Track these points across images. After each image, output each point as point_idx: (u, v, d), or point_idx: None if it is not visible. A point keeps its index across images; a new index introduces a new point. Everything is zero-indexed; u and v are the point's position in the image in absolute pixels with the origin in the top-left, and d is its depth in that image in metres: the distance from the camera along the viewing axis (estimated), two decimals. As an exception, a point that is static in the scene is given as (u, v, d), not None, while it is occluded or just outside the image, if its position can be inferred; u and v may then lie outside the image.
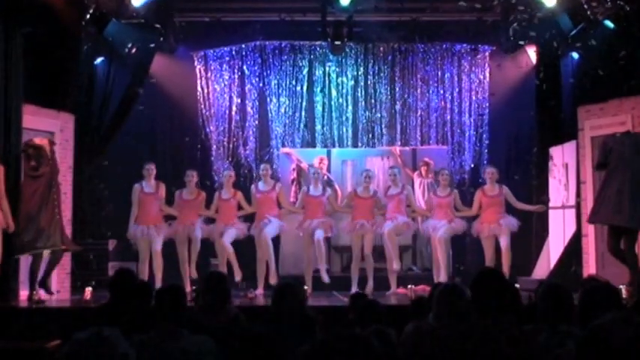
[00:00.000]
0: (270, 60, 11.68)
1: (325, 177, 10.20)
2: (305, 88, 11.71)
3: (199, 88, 11.68)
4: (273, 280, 8.96)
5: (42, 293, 8.11)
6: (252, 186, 9.53)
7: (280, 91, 11.69)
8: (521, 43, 10.73)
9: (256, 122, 11.71)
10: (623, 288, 7.70)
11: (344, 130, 11.68)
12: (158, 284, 8.51)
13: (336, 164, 10.90)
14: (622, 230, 8.00)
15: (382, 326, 4.00)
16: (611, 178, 8.09)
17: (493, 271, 4.05)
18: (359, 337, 2.12)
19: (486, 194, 9.22)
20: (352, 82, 11.70)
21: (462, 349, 3.33)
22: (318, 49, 11.61)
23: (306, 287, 7.63)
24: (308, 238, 9.20)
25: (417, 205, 9.59)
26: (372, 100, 11.68)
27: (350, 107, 11.71)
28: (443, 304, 3.63)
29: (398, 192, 9.18)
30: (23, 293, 8.14)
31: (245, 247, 9.42)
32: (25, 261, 8.38)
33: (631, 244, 8.03)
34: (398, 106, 11.67)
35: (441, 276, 8.94)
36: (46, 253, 8.28)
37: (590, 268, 9.15)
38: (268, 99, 11.71)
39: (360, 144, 11.64)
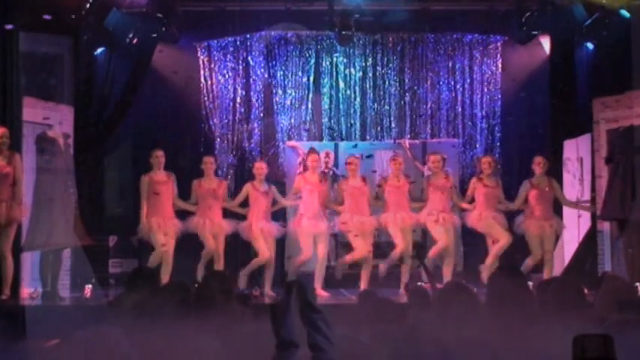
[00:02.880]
0: (276, 51, 11.49)
1: (331, 171, 10.04)
2: (312, 79, 11.53)
3: (202, 80, 11.48)
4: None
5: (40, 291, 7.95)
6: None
7: (286, 82, 11.51)
8: (535, 33, 10.56)
9: (261, 115, 11.55)
10: (638, 285, 7.60)
11: (352, 122, 11.51)
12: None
13: (344, 158, 10.66)
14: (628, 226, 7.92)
15: (384, 325, 3.95)
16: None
17: (514, 269, 4.02)
18: None
19: (535, 186, 8.53)
20: (360, 74, 11.52)
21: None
22: (325, 39, 11.42)
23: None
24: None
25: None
26: (381, 92, 11.50)
27: (358, 99, 11.55)
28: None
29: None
30: (25, 291, 8.02)
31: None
32: (25, 259, 8.19)
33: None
34: (407, 98, 11.52)
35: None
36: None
37: (605, 265, 9.05)
38: (274, 91, 11.54)
39: (368, 137, 11.46)
